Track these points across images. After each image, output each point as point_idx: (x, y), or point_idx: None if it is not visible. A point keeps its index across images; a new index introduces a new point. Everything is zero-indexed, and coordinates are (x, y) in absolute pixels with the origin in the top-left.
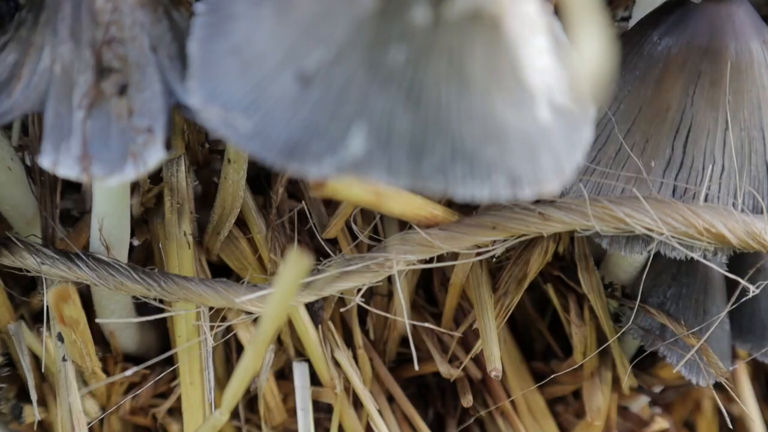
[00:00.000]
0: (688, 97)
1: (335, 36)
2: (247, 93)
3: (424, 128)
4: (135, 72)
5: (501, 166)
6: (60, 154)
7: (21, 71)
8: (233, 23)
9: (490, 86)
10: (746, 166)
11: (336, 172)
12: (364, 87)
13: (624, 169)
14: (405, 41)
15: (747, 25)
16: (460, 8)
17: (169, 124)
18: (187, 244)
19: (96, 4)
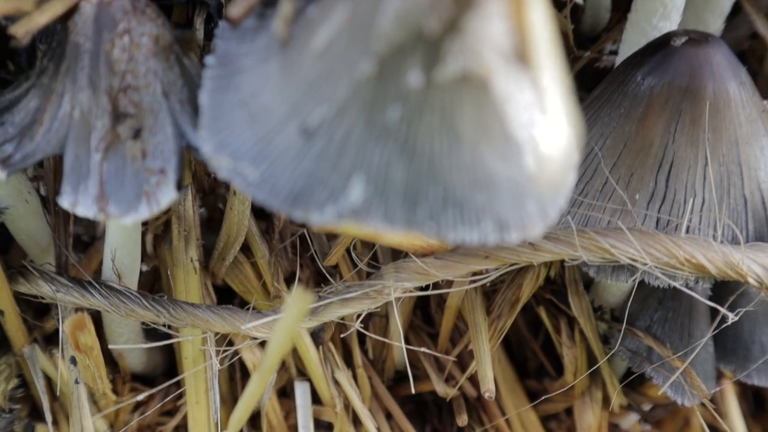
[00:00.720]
0: (670, 134)
1: (337, 95)
2: (254, 144)
3: (417, 178)
4: (148, 117)
5: (489, 212)
6: (78, 195)
7: (43, 116)
8: (242, 77)
9: (479, 140)
10: (725, 200)
11: (337, 218)
12: (363, 141)
13: (610, 201)
14: (400, 101)
15: (724, 67)
16: (450, 72)
17: (181, 166)
18: (194, 269)
19: (113, 55)
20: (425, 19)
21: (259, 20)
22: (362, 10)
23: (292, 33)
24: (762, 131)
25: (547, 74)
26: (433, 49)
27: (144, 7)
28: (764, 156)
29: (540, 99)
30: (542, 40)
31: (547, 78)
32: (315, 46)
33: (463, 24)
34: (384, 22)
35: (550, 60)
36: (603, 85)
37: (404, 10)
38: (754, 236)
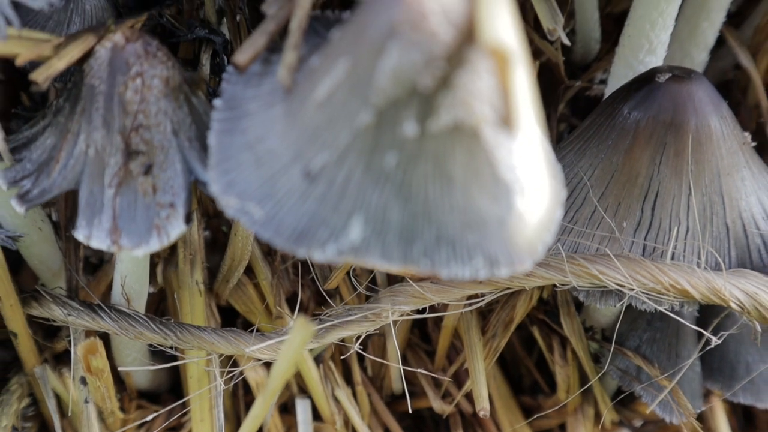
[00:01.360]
0: (655, 165)
1: (338, 142)
2: (260, 185)
3: (413, 219)
4: (159, 154)
5: (480, 249)
6: (93, 229)
7: (59, 154)
8: (248, 120)
9: (470, 183)
10: (708, 228)
11: (337, 256)
12: (362, 184)
13: (598, 229)
14: (397, 149)
15: (706, 103)
16: (443, 123)
17: (189, 200)
18: (199, 291)
19: (126, 96)
20: (420, 76)
21: (264, 65)
22: (361, 66)
23: (295, 80)
24: (742, 163)
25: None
26: (427, 103)
27: (155, 51)
28: (745, 186)
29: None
30: (524, 98)
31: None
32: (318, 96)
33: (454, 80)
34: (382, 78)
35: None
36: (592, 117)
37: (400, 68)
38: (736, 263)
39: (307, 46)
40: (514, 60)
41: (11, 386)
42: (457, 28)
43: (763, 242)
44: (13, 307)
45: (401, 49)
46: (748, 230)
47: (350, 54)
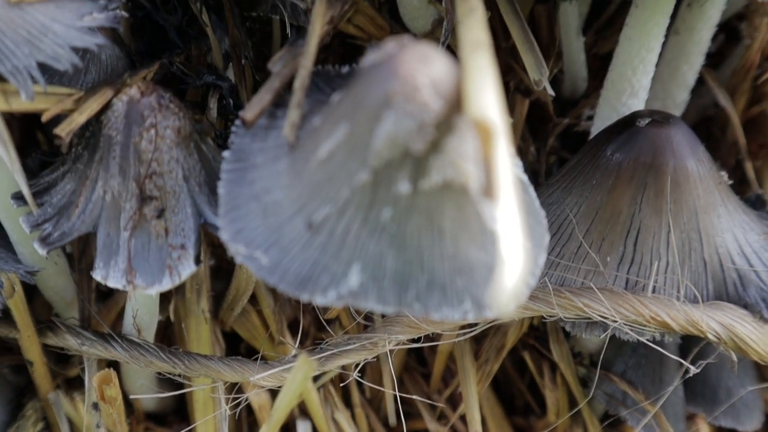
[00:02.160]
0: (637, 204)
1: (338, 197)
2: (267, 235)
3: (407, 267)
4: (171, 198)
5: (469, 294)
6: (109, 269)
7: (78, 199)
8: (255, 172)
9: (459, 233)
10: (687, 263)
11: (337, 300)
12: (360, 235)
13: (584, 263)
14: (392, 204)
15: (683, 146)
16: (434, 182)
17: (199, 241)
18: (205, 319)
19: (141, 146)
20: (413, 141)
21: (269, 119)
22: (360, 131)
23: (298, 136)
24: (718, 201)
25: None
26: (420, 164)
27: (168, 103)
28: (721, 223)
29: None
30: (505, 167)
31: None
32: (320, 155)
33: (444, 145)
34: (378, 142)
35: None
36: (577, 157)
37: (395, 134)
38: (713, 296)
39: (309, 102)
40: (496, 133)
41: (26, 411)
42: (446, 99)
43: (738, 276)
44: (30, 338)
45: (396, 118)
46: (724, 265)
47: (350, 119)
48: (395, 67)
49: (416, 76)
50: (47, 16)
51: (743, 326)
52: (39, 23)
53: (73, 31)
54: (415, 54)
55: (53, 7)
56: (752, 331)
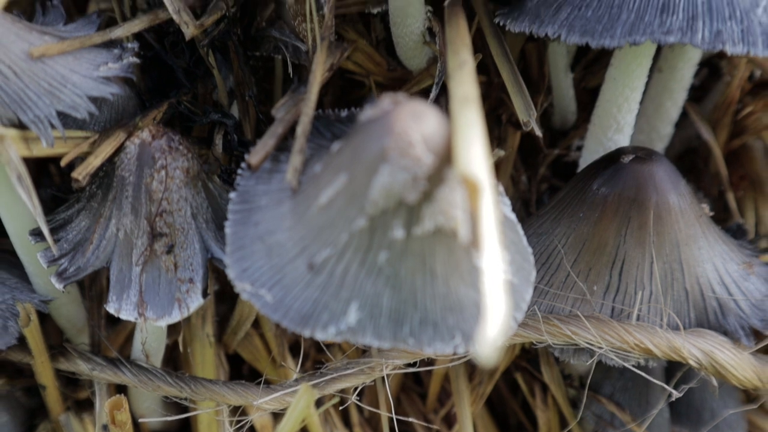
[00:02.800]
0: (621, 236)
1: (338, 241)
2: (271, 274)
3: (402, 305)
4: (180, 235)
5: (459, 330)
6: (122, 303)
7: (93, 236)
8: (260, 214)
9: (450, 274)
10: (669, 292)
11: (336, 336)
12: (358, 276)
13: (572, 291)
14: (387, 248)
15: (665, 181)
16: (426, 228)
17: (206, 275)
18: (209, 343)
19: (152, 186)
20: (406, 192)
21: (273, 163)
22: (358, 182)
23: (300, 181)
24: (699, 234)
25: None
26: (413, 212)
27: (177, 145)
28: (701, 254)
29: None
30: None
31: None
32: (321, 202)
33: (435, 195)
34: (375, 193)
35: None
36: (566, 190)
37: (390, 185)
38: (695, 323)
39: (310, 146)
40: (482, 188)
41: None
42: (437, 154)
43: (718, 305)
44: (43, 363)
45: (391, 171)
46: (705, 294)
47: (349, 170)
48: (390, 124)
49: (409, 132)
50: (66, 68)
51: (723, 353)
52: (59, 75)
53: (90, 81)
54: (408, 111)
55: (71, 58)
56: (731, 357)
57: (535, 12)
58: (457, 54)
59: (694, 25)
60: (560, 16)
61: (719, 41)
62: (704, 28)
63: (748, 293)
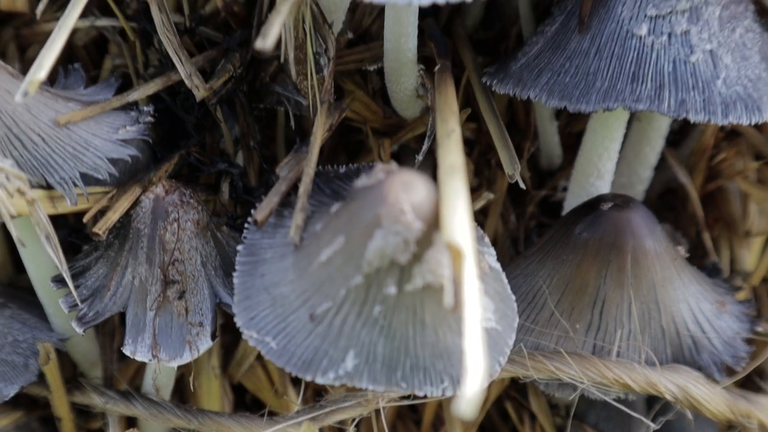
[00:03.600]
0: (602, 278)
1: (337, 295)
2: (275, 323)
3: (395, 353)
4: (190, 281)
5: (447, 374)
6: (137, 345)
7: (110, 283)
8: (265, 266)
9: (438, 324)
10: (647, 330)
11: (335, 380)
12: (355, 327)
13: (556, 329)
14: (381, 302)
15: (642, 227)
16: (416, 285)
17: (215, 319)
18: (215, 375)
19: (165, 237)
20: (398, 254)
21: (277, 218)
22: (355, 244)
23: (302, 237)
24: (675, 275)
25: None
26: (404, 271)
27: (189, 199)
28: (677, 295)
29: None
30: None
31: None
32: (321, 259)
33: (424, 256)
34: (370, 254)
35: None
36: (550, 233)
37: (384, 248)
38: (672, 359)
39: (311, 203)
40: (465, 254)
41: None
42: (425, 220)
43: (693, 342)
44: (60, 397)
45: (385, 236)
46: (680, 332)
47: (346, 233)
48: (384, 193)
49: (401, 201)
50: (88, 132)
51: (697, 388)
52: (82, 139)
53: (110, 144)
54: (399, 182)
55: (93, 122)
56: (705, 392)
57: (518, 75)
58: (445, 122)
59: (661, 94)
60: (541, 81)
61: (683, 110)
62: (670, 97)
63: (721, 331)
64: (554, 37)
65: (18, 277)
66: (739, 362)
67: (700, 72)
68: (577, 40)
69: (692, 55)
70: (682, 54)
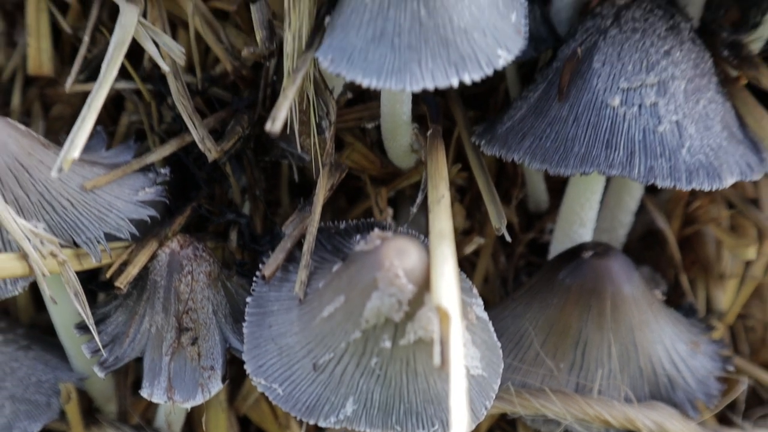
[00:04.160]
0: (583, 321)
1: (338, 347)
2: (282, 371)
3: (390, 399)
4: (202, 328)
5: (437, 417)
6: (154, 388)
7: (129, 330)
8: (272, 318)
9: (429, 373)
10: (626, 369)
11: (336, 424)
12: (354, 376)
13: (541, 368)
14: (378, 355)
15: (620, 275)
16: (408, 339)
17: (225, 363)
18: (222, 409)
19: (180, 289)
20: (393, 313)
21: (283, 272)
22: (354, 303)
23: (306, 292)
24: (651, 318)
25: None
26: (398, 328)
27: (201, 253)
28: (653, 336)
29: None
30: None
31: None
32: (323, 314)
33: (416, 315)
34: (368, 312)
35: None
36: (537, 277)
37: (380, 308)
38: (649, 396)
39: (314, 258)
40: (452, 317)
41: None
42: (417, 283)
43: (669, 380)
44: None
45: (381, 297)
46: (657, 371)
47: (346, 293)
48: (380, 259)
49: (395, 266)
50: (111, 194)
51: (672, 424)
52: (105, 202)
53: (131, 206)
54: (394, 248)
55: (116, 186)
56: (680, 428)
57: (504, 138)
58: (435, 189)
59: (632, 160)
60: (524, 144)
61: (652, 176)
62: (640, 164)
63: (695, 370)
64: (537, 103)
65: (38, 316)
66: (712, 400)
67: (667, 141)
68: (557, 108)
69: (660, 125)
70: (651, 124)
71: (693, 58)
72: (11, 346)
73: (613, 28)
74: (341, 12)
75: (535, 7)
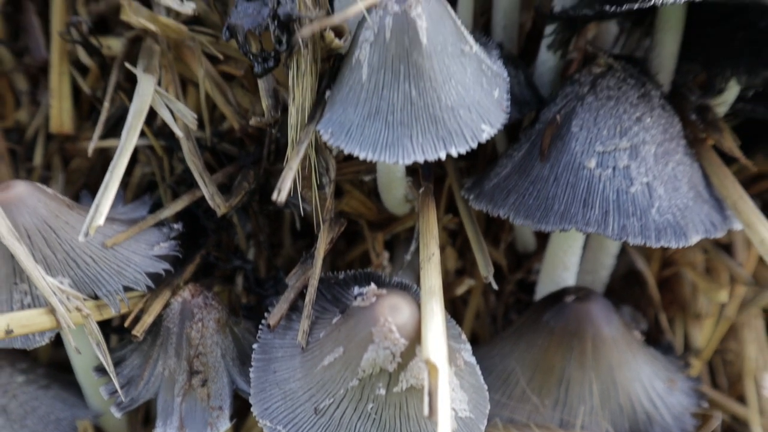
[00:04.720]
0: (567, 360)
1: (337, 393)
2: (286, 414)
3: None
4: (211, 371)
5: None
6: (166, 428)
7: (143, 373)
8: (277, 364)
9: (420, 416)
10: (606, 406)
11: None
12: (352, 419)
13: (527, 405)
14: (374, 401)
15: (601, 318)
16: (401, 387)
17: (233, 403)
18: None
19: (191, 335)
20: (387, 364)
21: (287, 321)
22: (352, 354)
23: (308, 341)
24: (630, 358)
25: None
26: (392, 377)
27: (211, 301)
28: (632, 375)
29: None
30: (446, 396)
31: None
32: (324, 363)
33: (408, 365)
34: (364, 363)
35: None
36: (523, 318)
37: (375, 359)
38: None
39: (315, 308)
40: (440, 371)
41: None
42: (409, 338)
43: (647, 417)
44: None
45: (376, 349)
46: (636, 408)
47: (344, 345)
48: (376, 315)
49: (389, 322)
50: (129, 250)
51: None
52: (124, 257)
53: (147, 260)
54: (388, 305)
55: (133, 241)
56: None
57: (490, 194)
58: (427, 246)
59: (607, 219)
60: (509, 201)
61: (624, 233)
62: (614, 222)
63: (671, 407)
64: (521, 162)
65: (56, 353)
66: None
67: (638, 201)
68: (539, 168)
69: (632, 186)
70: (624, 185)
71: (663, 124)
72: (32, 385)
73: (590, 95)
74: (340, 88)
75: (519, 72)
